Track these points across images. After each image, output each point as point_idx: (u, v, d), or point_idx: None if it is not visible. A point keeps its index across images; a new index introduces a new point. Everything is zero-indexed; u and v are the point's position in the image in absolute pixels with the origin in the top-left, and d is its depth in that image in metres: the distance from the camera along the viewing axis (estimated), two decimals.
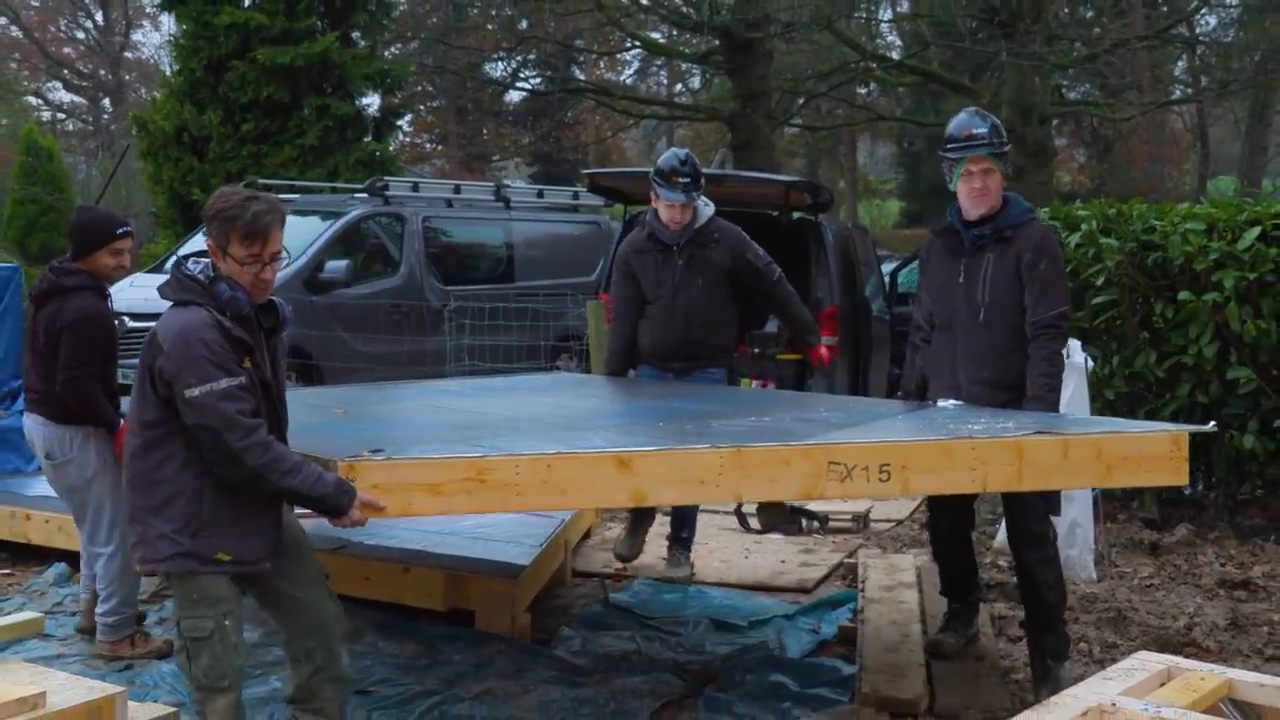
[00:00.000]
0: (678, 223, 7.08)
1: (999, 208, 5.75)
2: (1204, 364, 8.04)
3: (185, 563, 4.18)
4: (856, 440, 4.60)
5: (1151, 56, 29.94)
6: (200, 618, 4.22)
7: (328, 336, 13.32)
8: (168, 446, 4.19)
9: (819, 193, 11.94)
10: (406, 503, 4.13)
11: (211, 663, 4.24)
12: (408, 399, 7.05)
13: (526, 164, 43.75)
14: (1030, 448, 4.57)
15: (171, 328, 4.15)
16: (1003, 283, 5.64)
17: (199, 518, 4.17)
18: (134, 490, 4.26)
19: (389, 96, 24.95)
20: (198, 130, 21.78)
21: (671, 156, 7.16)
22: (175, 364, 4.07)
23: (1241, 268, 7.89)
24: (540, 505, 4.56)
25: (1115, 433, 4.83)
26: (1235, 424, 8.08)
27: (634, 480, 4.26)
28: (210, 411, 4.04)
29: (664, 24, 27.52)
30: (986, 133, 5.74)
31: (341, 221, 13.99)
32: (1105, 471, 4.75)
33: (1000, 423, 4.99)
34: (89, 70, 47.81)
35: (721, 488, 4.38)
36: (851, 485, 4.42)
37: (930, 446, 4.60)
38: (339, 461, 4.07)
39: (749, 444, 4.44)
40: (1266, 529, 8.19)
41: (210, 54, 21.74)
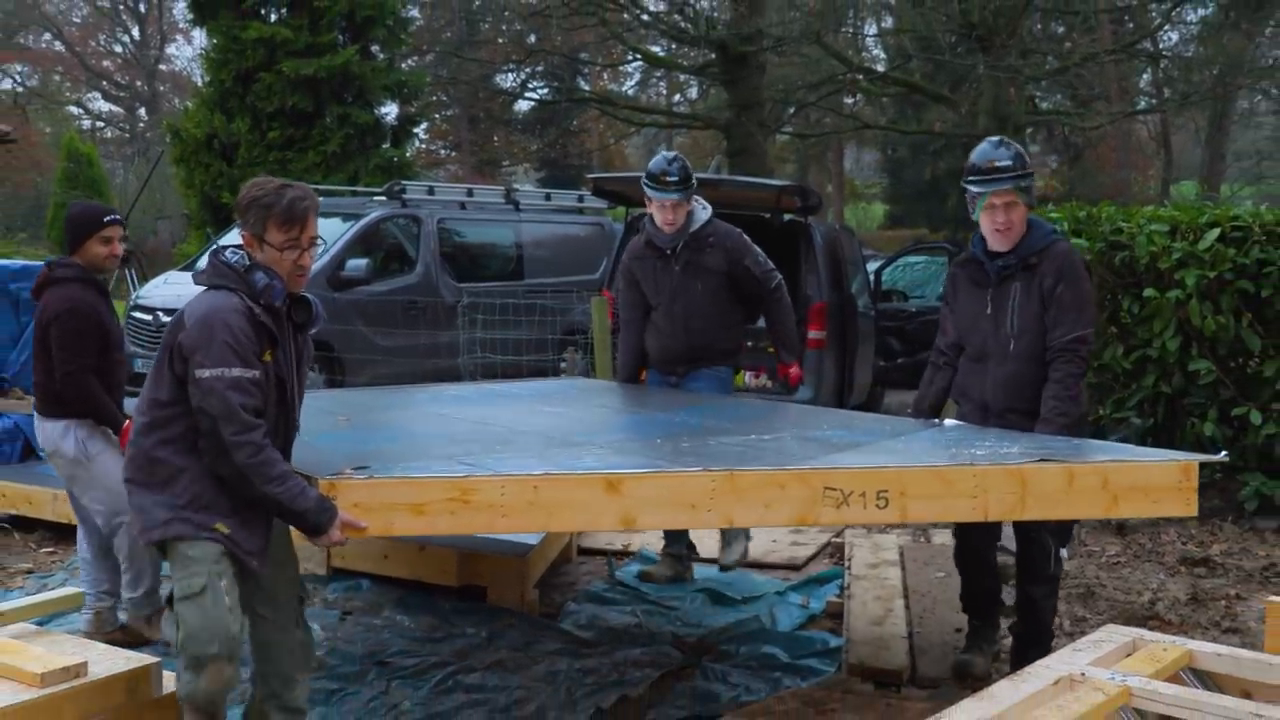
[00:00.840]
0: (670, 224, 6.68)
1: (1025, 233, 5.29)
2: (1167, 357, 8.05)
3: (180, 527, 3.88)
4: (854, 465, 4.22)
5: (1118, 69, 30.00)
6: (192, 575, 3.88)
7: (349, 331, 13.34)
8: (175, 427, 3.91)
9: (809, 196, 11.96)
10: (388, 523, 3.86)
11: (201, 622, 3.85)
12: (415, 405, 6.69)
13: (535, 169, 43.71)
14: (1034, 476, 4.18)
15: (199, 308, 3.90)
16: (1031, 312, 5.24)
17: (202, 497, 3.90)
18: (136, 468, 3.98)
19: (406, 106, 24.95)
20: (227, 137, 21.85)
21: (660, 159, 6.84)
22: (194, 341, 3.81)
23: (1202, 267, 7.89)
24: (526, 527, 4.06)
25: (1122, 461, 4.36)
26: (1196, 413, 8.09)
27: (623, 503, 3.94)
28: (215, 396, 3.77)
29: (663, 38, 27.46)
30: (1010, 164, 5.25)
31: (362, 223, 13.99)
32: (1111, 501, 4.28)
33: (1005, 447, 4.62)
34: (126, 81, 47.82)
35: (713, 512, 4.04)
36: (848, 512, 4.08)
37: (929, 473, 4.19)
38: (320, 479, 3.81)
39: (743, 467, 4.10)
40: (1225, 510, 8.20)
41: (239, 66, 21.81)
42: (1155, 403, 8.26)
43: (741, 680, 5.44)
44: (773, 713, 4.86)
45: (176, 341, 3.88)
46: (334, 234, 13.79)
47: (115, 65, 47.96)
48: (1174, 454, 4.59)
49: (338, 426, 5.48)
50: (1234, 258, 7.86)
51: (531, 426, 5.50)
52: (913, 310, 15.02)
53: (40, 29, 46.71)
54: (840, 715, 4.84)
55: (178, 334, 3.89)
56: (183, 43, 47.74)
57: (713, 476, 4.00)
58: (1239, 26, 28.49)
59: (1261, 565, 7.26)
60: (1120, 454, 4.63)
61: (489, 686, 5.30)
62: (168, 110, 40.51)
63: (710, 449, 4.70)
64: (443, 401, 6.61)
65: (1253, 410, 7.89)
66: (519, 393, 7.07)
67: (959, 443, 4.86)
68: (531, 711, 5.07)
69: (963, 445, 4.76)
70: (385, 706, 5.13)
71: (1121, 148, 37.81)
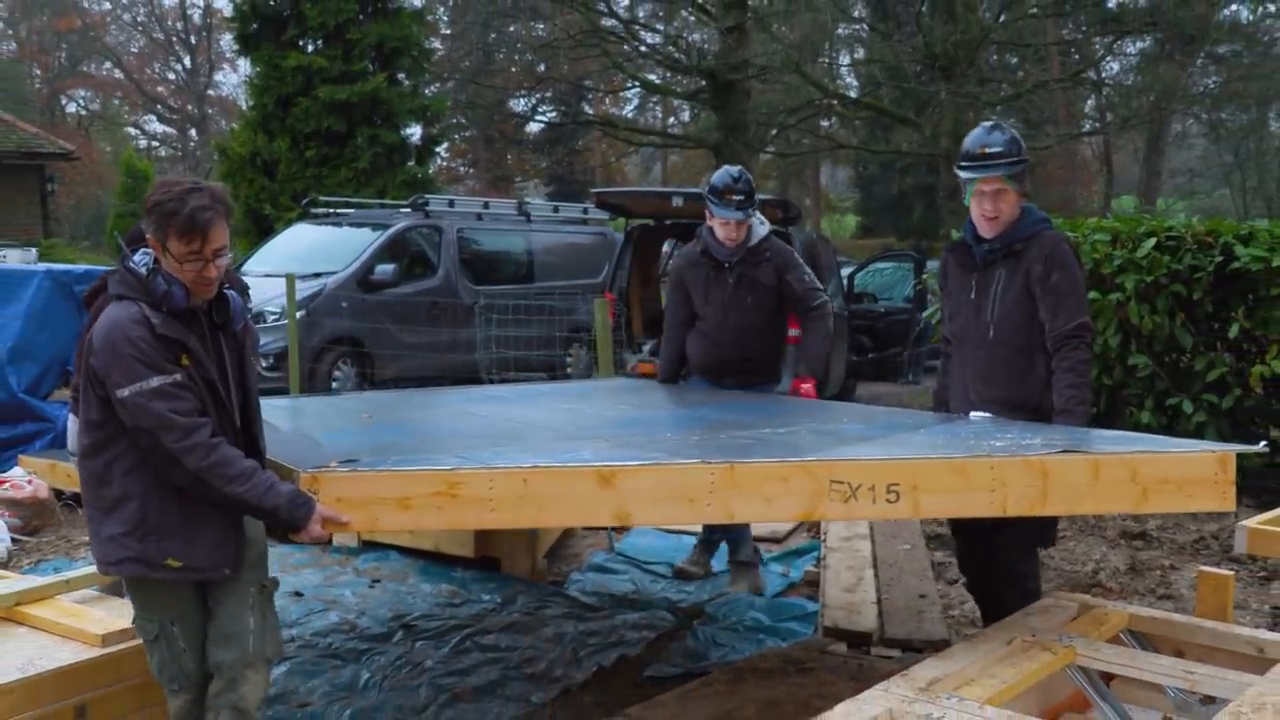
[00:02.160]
0: (733, 240, 6.08)
1: (1016, 219, 4.68)
2: (1109, 352, 8.05)
3: (135, 567, 3.39)
4: (863, 457, 3.61)
5: (1066, 96, 30.05)
6: (148, 620, 3.51)
7: (378, 328, 13.39)
8: (114, 448, 3.36)
9: (789, 209, 12.00)
10: (373, 518, 3.41)
11: (161, 665, 3.55)
12: (443, 404, 6.12)
13: (544, 184, 43.66)
14: (1056, 468, 3.52)
15: (101, 326, 3.31)
16: (1012, 297, 4.61)
17: (145, 522, 3.34)
18: (86, 489, 3.47)
19: (429, 128, 24.97)
20: (269, 155, 21.87)
21: (725, 174, 6.12)
22: (104, 363, 3.27)
23: (1140, 272, 7.90)
24: (516, 522, 3.49)
25: (1153, 452, 3.65)
26: (1135, 403, 8.09)
27: (617, 497, 3.41)
28: (143, 412, 3.23)
29: (659, 67, 27.47)
30: (1002, 149, 4.62)
31: (389, 232, 14.01)
32: (1141, 495, 3.58)
33: (1027, 439, 3.94)
34: (178, 105, 47.78)
35: (713, 507, 3.46)
36: (856, 506, 3.48)
37: (944, 465, 3.54)
38: (301, 473, 3.34)
39: (744, 459, 3.52)
40: None
41: (279, 91, 21.84)
42: (1098, 394, 8.26)
43: (729, 641, 5.46)
44: (757, 670, 4.86)
45: (90, 365, 3.32)
46: (364, 242, 13.86)
47: (169, 91, 47.90)
48: (1208, 444, 3.98)
49: (358, 423, 5.11)
50: (1168, 264, 7.87)
51: (545, 421, 5.03)
52: (881, 311, 15.07)
53: (101, 58, 46.67)
54: (817, 672, 4.85)
55: (90, 356, 3.33)
56: (229, 71, 47.80)
57: (712, 469, 3.45)
58: (1173, 58, 28.56)
59: (1193, 539, 7.26)
60: (1150, 444, 3.91)
61: (502, 646, 5.31)
62: (216, 131, 40.47)
63: (718, 442, 4.23)
64: (472, 400, 6.07)
65: (1185, 400, 7.89)
66: (551, 391, 6.60)
67: (980, 434, 4.17)
68: (541, 669, 5.08)
69: (983, 437, 4.08)
70: (410, 664, 5.14)
71: (1068, 166, 37.80)
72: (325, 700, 4.82)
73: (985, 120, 5.00)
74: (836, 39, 30.14)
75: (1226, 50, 30.10)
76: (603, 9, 25.95)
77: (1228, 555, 6.80)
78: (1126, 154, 38.12)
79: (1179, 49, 28.03)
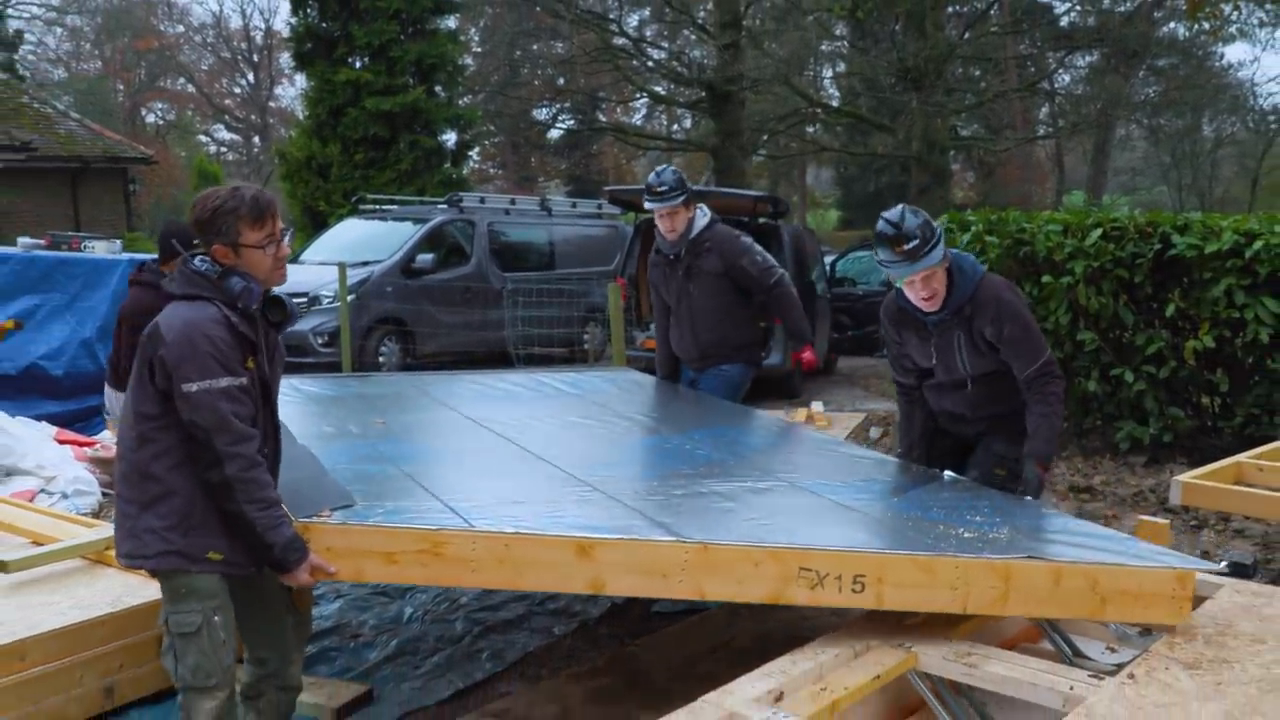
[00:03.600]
0: (671, 230, 5.74)
1: (948, 291, 4.23)
2: (1060, 329, 8.02)
3: (174, 560, 3.06)
4: (833, 546, 3.25)
5: (1022, 104, 29.99)
6: (188, 612, 3.09)
7: (418, 310, 13.46)
8: (164, 441, 3.04)
9: (778, 204, 12.05)
10: (359, 569, 3.15)
11: (199, 660, 3.10)
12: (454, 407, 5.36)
13: (563, 183, 43.48)
14: (1019, 571, 3.23)
15: (175, 321, 3.03)
16: (978, 353, 4.27)
17: (190, 517, 3.05)
18: (127, 483, 3.10)
19: (462, 134, 24.93)
20: (323, 159, 21.93)
21: (653, 173, 5.81)
22: (177, 356, 2.98)
23: (1088, 258, 7.86)
24: (496, 583, 3.21)
25: (1113, 565, 3.30)
26: (1082, 373, 8.06)
27: (594, 568, 3.14)
28: (206, 409, 2.97)
29: (664, 80, 27.32)
30: (917, 244, 4.04)
31: (428, 225, 14.04)
32: (1099, 604, 3.27)
33: (994, 530, 3.57)
34: (243, 116, 47.66)
35: (684, 584, 3.15)
36: (822, 594, 3.19)
37: (911, 562, 3.22)
38: (296, 520, 3.09)
39: (717, 540, 3.19)
40: (1103, 449, 8.19)
41: (331, 103, 21.88)
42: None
43: None
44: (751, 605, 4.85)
45: (158, 356, 3.02)
46: (406, 234, 13.88)
47: (235, 103, 47.78)
48: (1169, 557, 3.50)
49: (372, 431, 4.66)
50: (1113, 251, 7.83)
51: (547, 452, 4.36)
52: (860, 294, 15.09)
53: (176, 74, 46.58)
54: (803, 607, 4.84)
55: (158, 348, 3.02)
56: (287, 85, 47.51)
57: (685, 549, 3.15)
58: (1118, 70, 28.49)
59: (1132, 492, 7.26)
60: (1113, 550, 3.46)
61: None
62: (276, 138, 40.38)
63: (699, 501, 3.74)
64: (491, 398, 5.62)
65: (1126, 371, 7.86)
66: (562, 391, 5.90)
67: (950, 513, 3.77)
68: (561, 605, 5.10)
69: (953, 518, 3.69)
70: (447, 600, 5.16)
71: (1025, 166, 37.63)
72: (374, 632, 4.85)
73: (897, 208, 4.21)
74: (820, 55, 30.08)
75: (1165, 63, 29.99)
76: (614, 29, 25.88)
77: (1163, 506, 6.79)
78: (1076, 155, 37.92)
79: (1123, 62, 27.96)
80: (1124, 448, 8.06)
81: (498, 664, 4.51)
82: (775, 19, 25.79)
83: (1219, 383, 7.63)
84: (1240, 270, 7.40)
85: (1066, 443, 8.36)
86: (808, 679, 3.08)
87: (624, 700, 3.85)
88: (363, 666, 4.49)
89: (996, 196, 31.04)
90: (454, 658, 4.58)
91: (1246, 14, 27.01)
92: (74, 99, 37.12)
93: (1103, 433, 8.34)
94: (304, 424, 4.11)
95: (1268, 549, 6.06)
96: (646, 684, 4.03)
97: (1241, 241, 7.41)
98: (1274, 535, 6.28)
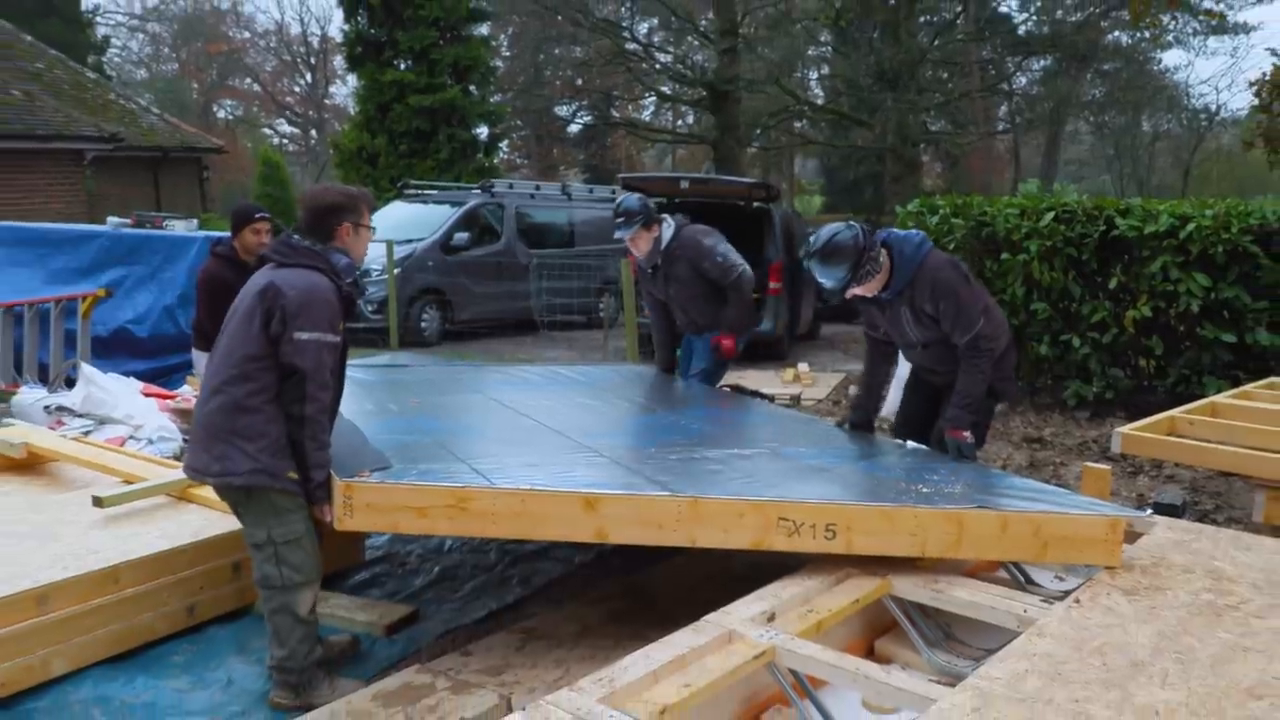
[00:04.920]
0: (640, 252, 5.69)
1: (887, 282, 4.29)
2: (1016, 300, 7.99)
3: (259, 478, 3.20)
4: (807, 499, 3.24)
5: (985, 103, 29.65)
6: (292, 521, 3.27)
7: (456, 282, 13.48)
8: (263, 379, 3.19)
9: (770, 190, 11.96)
10: (394, 521, 3.16)
11: (303, 558, 3.31)
12: (480, 389, 5.42)
13: (581, 172, 43.20)
14: (971, 520, 3.22)
15: (300, 282, 3.22)
16: (923, 324, 4.33)
17: (277, 442, 3.20)
18: (222, 413, 3.21)
19: (493, 128, 24.80)
20: (371, 149, 21.88)
21: (615, 204, 5.73)
22: (297, 307, 3.16)
23: (1041, 238, 7.83)
24: (515, 534, 3.20)
25: (1053, 513, 3.27)
26: (1035, 339, 8.03)
27: (598, 519, 3.15)
28: (309, 355, 3.16)
29: (670, 81, 27.11)
30: (846, 275, 4.19)
31: (464, 208, 14.00)
32: (1041, 548, 3.25)
33: (949, 485, 3.56)
34: (302, 111, 47.37)
35: (678, 533, 3.17)
36: (798, 540, 3.20)
37: (875, 512, 3.22)
38: (339, 481, 3.14)
39: (708, 494, 3.21)
40: (1052, 405, 8.17)
41: (379, 100, 21.79)
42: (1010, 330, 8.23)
43: None
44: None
45: (279, 306, 3.18)
46: (445, 216, 13.84)
47: (295, 100, 47.45)
48: (1104, 506, 3.47)
49: (408, 409, 4.68)
50: (1063, 232, 7.79)
51: (560, 423, 4.42)
52: None
53: (243, 75, 46.33)
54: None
55: (278, 299, 3.18)
56: (341, 84, 47.17)
57: (679, 502, 3.17)
58: (1068, 73, 28.21)
59: (1078, 442, 7.24)
60: (1054, 502, 3.43)
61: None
62: (331, 131, 40.17)
63: (692, 464, 3.71)
64: (511, 385, 5.60)
65: (1074, 337, 7.84)
66: (573, 380, 5.89)
67: (911, 474, 3.76)
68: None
69: (913, 478, 3.69)
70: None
71: (986, 158, 37.26)
72: (419, 560, 4.86)
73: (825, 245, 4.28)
74: (807, 59, 29.82)
75: (1110, 67, 29.63)
76: (626, 36, 25.73)
77: (1105, 454, 6.78)
78: (1031, 148, 37.54)
79: (1073, 66, 27.66)
80: (1071, 404, 8.05)
81: (526, 589, 4.53)
82: (768, 27, 25.50)
83: (1154, 347, 7.60)
84: (1175, 249, 7.36)
85: (1021, 399, 8.34)
86: (796, 602, 3.09)
87: (635, 621, 3.86)
88: (409, 590, 4.51)
89: (961, 184, 30.82)
90: (488, 583, 4.60)
91: (1182, 24, 26.88)
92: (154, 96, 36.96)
93: (1053, 391, 8.32)
94: (349, 403, 4.08)
95: (1195, 492, 6.05)
96: (655, 607, 4.04)
97: (1176, 224, 7.37)
98: (1201, 480, 6.27)
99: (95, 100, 19.64)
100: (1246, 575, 3.26)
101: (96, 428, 6.91)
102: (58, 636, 3.55)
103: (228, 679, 3.61)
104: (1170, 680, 2.53)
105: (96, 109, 19.00)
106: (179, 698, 3.47)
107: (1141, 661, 2.63)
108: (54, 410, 7.21)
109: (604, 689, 2.51)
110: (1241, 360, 7.31)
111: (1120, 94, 29.14)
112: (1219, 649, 2.70)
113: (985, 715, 2.35)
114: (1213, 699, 2.43)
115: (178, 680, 3.59)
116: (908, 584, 3.26)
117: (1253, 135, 16.52)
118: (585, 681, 2.54)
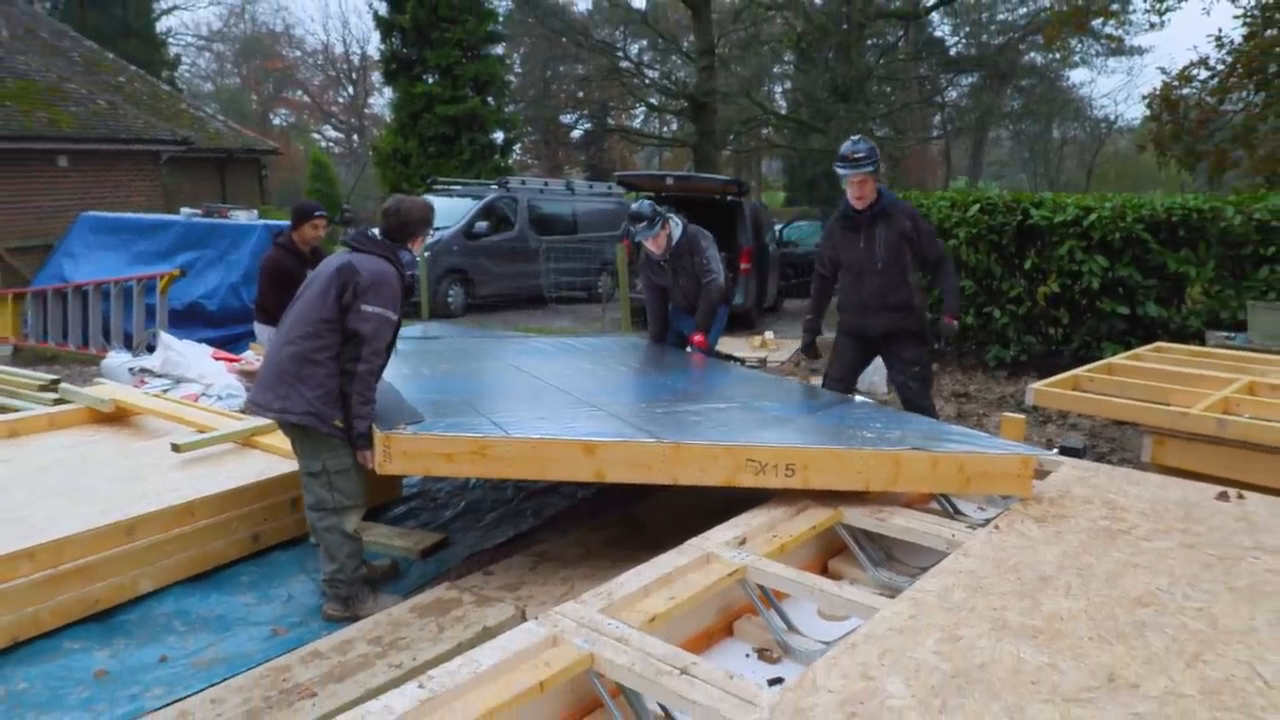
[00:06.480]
0: (659, 249, 5.62)
1: (876, 198, 4.68)
2: None
3: (310, 419, 3.24)
4: (770, 443, 3.26)
5: (922, 113, 29.40)
6: (343, 454, 3.32)
7: (477, 263, 13.36)
8: (329, 339, 3.24)
9: (741, 186, 11.84)
10: (426, 466, 3.18)
11: (352, 485, 3.36)
12: (501, 356, 5.40)
13: (582, 170, 42.95)
14: (907, 460, 3.24)
15: (373, 266, 3.30)
16: (891, 243, 4.63)
17: (331, 393, 3.25)
18: (292, 362, 3.26)
19: (508, 134, 24.51)
20: (405, 152, 21.63)
21: (632, 208, 5.57)
22: (370, 285, 3.24)
23: (969, 226, 7.80)
24: (528, 475, 3.21)
25: (976, 453, 3.28)
26: (963, 311, 8.03)
27: (597, 462, 3.18)
28: (372, 324, 3.21)
29: (657, 93, 26.83)
30: (862, 156, 4.61)
31: (483, 201, 13.85)
32: (965, 482, 3.27)
33: (889, 431, 3.59)
34: (346, 119, 46.76)
35: (663, 472, 3.20)
36: (764, 478, 3.23)
37: (827, 453, 3.23)
38: (379, 432, 3.18)
39: (687, 440, 3.23)
40: (977, 366, 8.18)
41: (411, 109, 21.54)
42: (938, 305, 8.21)
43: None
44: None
45: (354, 281, 3.24)
46: (467, 207, 13.71)
47: (339, 109, 46.79)
48: (1018, 447, 3.48)
49: (438, 373, 4.64)
50: (987, 221, 7.76)
51: (566, 384, 4.43)
52: (800, 253, 14.91)
53: (295, 88, 45.70)
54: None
55: (354, 275, 3.25)
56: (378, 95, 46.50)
57: (664, 447, 3.20)
58: (992, 88, 28.04)
59: (998, 397, 7.26)
60: (976, 444, 3.43)
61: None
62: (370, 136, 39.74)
63: (675, 416, 3.70)
64: (526, 353, 5.59)
65: (995, 309, 7.83)
66: (579, 349, 5.88)
67: (859, 422, 3.79)
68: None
69: (860, 426, 3.70)
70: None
71: (922, 159, 37.04)
72: (448, 496, 4.86)
73: (854, 135, 4.90)
74: (773, 75, 29.53)
75: (1027, 83, 29.49)
76: (620, 55, 25.44)
77: (1020, 406, 6.80)
78: (960, 151, 37.32)
79: (996, 82, 27.50)
80: (992, 365, 8.06)
81: (537, 519, 4.53)
82: (740, 48, 25.28)
83: (1061, 317, 7.60)
84: (1080, 235, 7.35)
85: (950, 361, 8.35)
86: (763, 529, 3.10)
87: (629, 545, 3.87)
88: (439, 521, 4.51)
89: (901, 182, 30.64)
90: (506, 514, 4.60)
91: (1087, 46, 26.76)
92: (219, 106, 36.46)
93: (976, 354, 8.33)
94: (389, 368, 4.09)
95: (1094, 437, 6.08)
96: (645, 533, 4.05)
97: (1081, 214, 7.35)
98: (1099, 428, 6.30)
99: (169, 109, 19.36)
100: (1136, 505, 3.28)
101: (174, 386, 6.87)
102: (144, 560, 3.55)
103: (288, 595, 3.62)
104: (1073, 591, 2.54)
105: (170, 116, 18.73)
106: (246, 610, 3.48)
107: (1049, 576, 2.64)
108: (137, 371, 7.16)
109: (603, 601, 2.52)
110: (1133, 328, 7.32)
111: (1035, 106, 29.01)
112: (1113, 566, 2.72)
113: (920, 621, 2.36)
114: (1107, 606, 2.45)
115: (245, 596, 3.60)
116: (856, 513, 3.27)
117: (1145, 140, 16.45)
118: (588, 595, 2.55)
